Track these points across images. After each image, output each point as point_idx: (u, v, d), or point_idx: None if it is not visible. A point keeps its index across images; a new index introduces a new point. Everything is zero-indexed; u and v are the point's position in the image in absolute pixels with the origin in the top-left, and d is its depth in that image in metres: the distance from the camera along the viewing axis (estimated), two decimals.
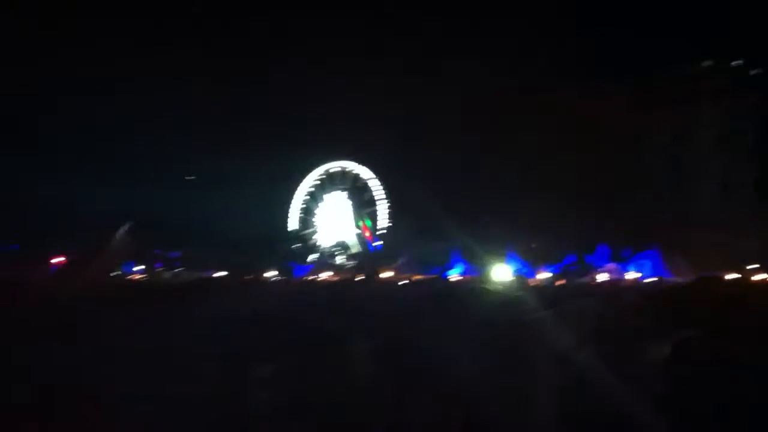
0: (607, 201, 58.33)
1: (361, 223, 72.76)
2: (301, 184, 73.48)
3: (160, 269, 62.17)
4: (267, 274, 63.27)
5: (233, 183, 63.40)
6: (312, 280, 63.65)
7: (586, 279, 51.96)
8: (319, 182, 73.68)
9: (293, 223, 73.28)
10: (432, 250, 59.34)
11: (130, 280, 57.50)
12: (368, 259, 68.84)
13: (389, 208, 70.95)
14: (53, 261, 57.86)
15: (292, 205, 73.27)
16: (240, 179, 63.55)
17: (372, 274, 62.78)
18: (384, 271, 61.48)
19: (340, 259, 72.38)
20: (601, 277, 53.50)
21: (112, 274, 55.80)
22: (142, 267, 61.48)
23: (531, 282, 50.08)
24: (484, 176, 61.98)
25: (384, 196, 71.23)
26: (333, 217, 73.74)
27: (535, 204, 56.10)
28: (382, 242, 70.94)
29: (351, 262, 70.97)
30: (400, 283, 53.89)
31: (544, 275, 53.35)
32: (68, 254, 57.59)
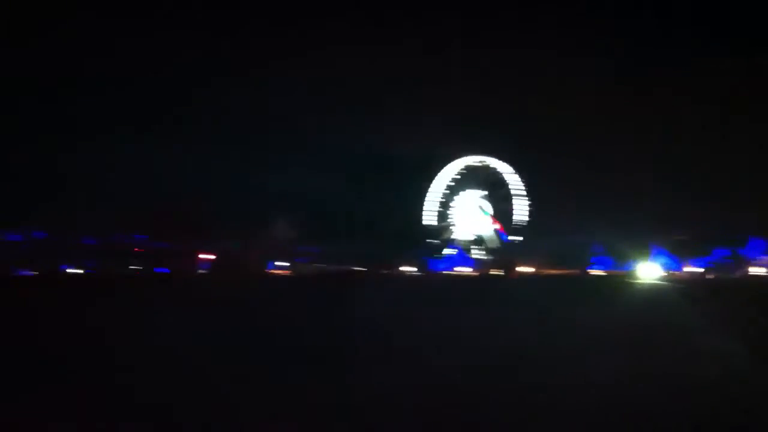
0: (761, 191, 54.88)
1: (498, 218, 72.14)
2: (439, 179, 73.62)
3: (303, 263, 64.02)
4: (404, 268, 64.06)
5: (371, 179, 64.44)
6: (449, 274, 63.94)
7: (739, 273, 49.28)
8: (457, 177, 73.59)
9: (430, 218, 73.60)
10: (573, 245, 57.97)
11: (276, 273, 59.96)
12: (506, 253, 68.12)
13: (528, 203, 69.98)
14: (202, 257, 61.41)
15: (429, 200, 73.57)
16: (377, 175, 64.50)
17: (509, 269, 62.32)
18: (522, 265, 60.73)
19: (477, 254, 72.05)
20: (756, 270, 50.56)
21: (260, 269, 58.45)
22: (287, 263, 63.78)
23: (679, 276, 48.10)
24: (627, 170, 59.89)
25: (523, 192, 70.33)
26: (470, 211, 73.47)
27: (683, 196, 53.68)
28: (520, 237, 70.03)
29: (488, 257, 70.52)
30: (538, 278, 53.45)
31: (693, 269, 51.07)
32: (217, 251, 60.91)
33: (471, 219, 73.23)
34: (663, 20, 52.72)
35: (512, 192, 70.72)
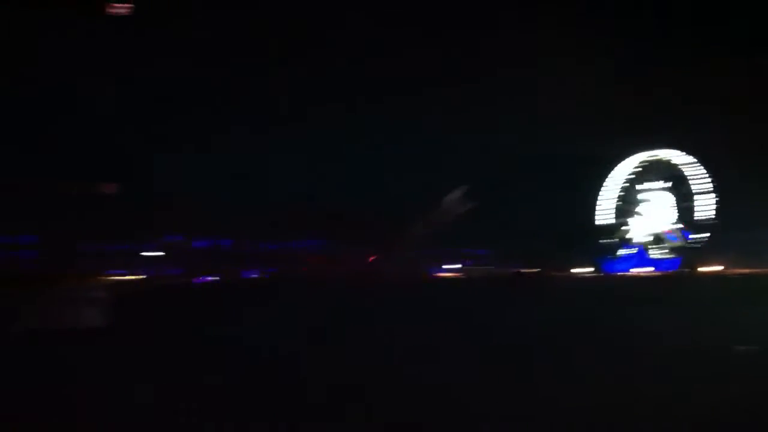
0: None
1: (681, 215, 67.87)
2: (616, 176, 70.44)
3: (469, 267, 63.94)
4: (577, 270, 61.76)
5: (542, 176, 62.86)
6: (626, 275, 60.74)
7: None
8: (639, 170, 69.98)
9: (607, 217, 70.61)
10: (765, 242, 53.30)
11: (442, 277, 59.93)
12: (689, 253, 64.21)
13: (715, 200, 65.18)
14: (371, 258, 63.35)
15: (604, 198, 70.66)
16: (548, 172, 62.83)
17: (692, 269, 58.53)
18: (707, 265, 56.99)
19: (656, 254, 68.27)
20: None
21: (423, 272, 58.89)
22: (458, 266, 64.02)
23: None
24: None
25: (709, 187, 65.57)
26: (650, 209, 69.69)
27: None
28: (705, 235, 65.45)
29: (669, 257, 66.73)
30: (729, 277, 49.34)
31: None
32: (380, 253, 62.69)
33: (650, 217, 69.47)
34: None
35: (697, 187, 66.26)
